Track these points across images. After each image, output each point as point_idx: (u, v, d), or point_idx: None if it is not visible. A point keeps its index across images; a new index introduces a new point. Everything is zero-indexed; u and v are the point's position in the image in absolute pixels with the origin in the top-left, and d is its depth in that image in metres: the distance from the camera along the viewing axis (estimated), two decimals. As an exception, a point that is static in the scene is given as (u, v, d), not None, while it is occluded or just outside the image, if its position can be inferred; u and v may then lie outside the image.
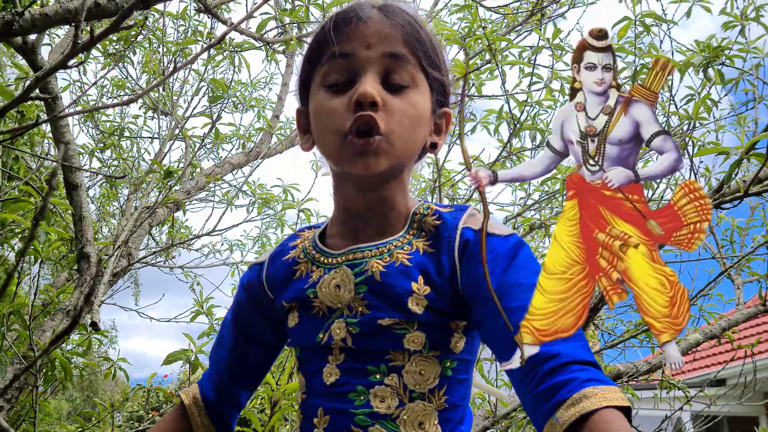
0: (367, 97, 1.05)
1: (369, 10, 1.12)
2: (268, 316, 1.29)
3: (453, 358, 1.11)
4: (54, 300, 3.67)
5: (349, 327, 1.10)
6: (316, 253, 1.20)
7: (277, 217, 4.47)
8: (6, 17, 1.89)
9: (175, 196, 3.70)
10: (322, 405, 1.12)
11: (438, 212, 1.13)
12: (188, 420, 1.32)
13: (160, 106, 4.32)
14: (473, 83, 3.22)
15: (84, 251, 3.54)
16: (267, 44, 3.18)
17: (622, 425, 0.84)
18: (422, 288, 1.08)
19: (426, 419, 1.07)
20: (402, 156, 1.12)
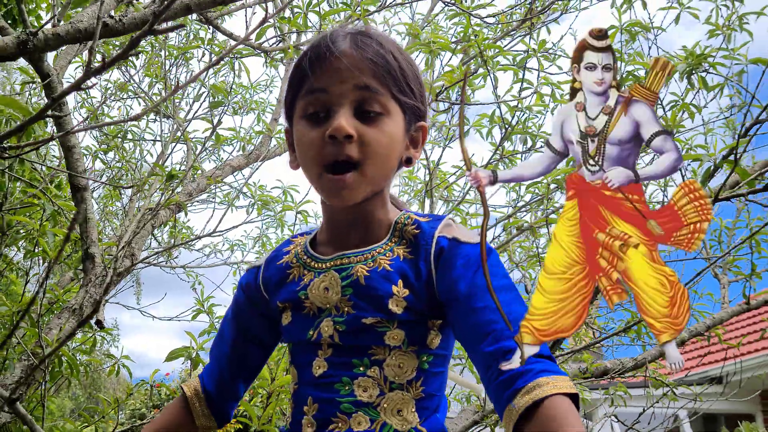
0: (340, 132, 1.12)
1: (342, 42, 1.17)
2: (265, 316, 1.35)
3: (429, 353, 1.19)
4: (60, 298, 3.65)
5: (336, 325, 1.18)
6: (308, 259, 1.27)
7: (277, 218, 4.44)
8: (21, 37, 1.95)
9: (177, 198, 3.67)
10: (312, 394, 1.19)
11: (417, 222, 1.21)
12: (190, 410, 1.39)
13: (162, 109, 4.29)
14: (467, 88, 3.19)
15: (89, 252, 3.51)
16: (266, 53, 3.16)
17: (568, 408, 0.93)
18: (401, 291, 1.16)
19: (404, 407, 1.15)
20: (376, 181, 1.19)
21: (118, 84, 4.51)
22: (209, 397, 1.40)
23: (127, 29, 2.07)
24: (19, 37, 1.95)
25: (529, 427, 0.95)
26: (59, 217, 3.56)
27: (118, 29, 2.05)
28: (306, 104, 1.19)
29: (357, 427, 1.14)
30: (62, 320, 3.37)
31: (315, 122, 1.17)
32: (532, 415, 0.94)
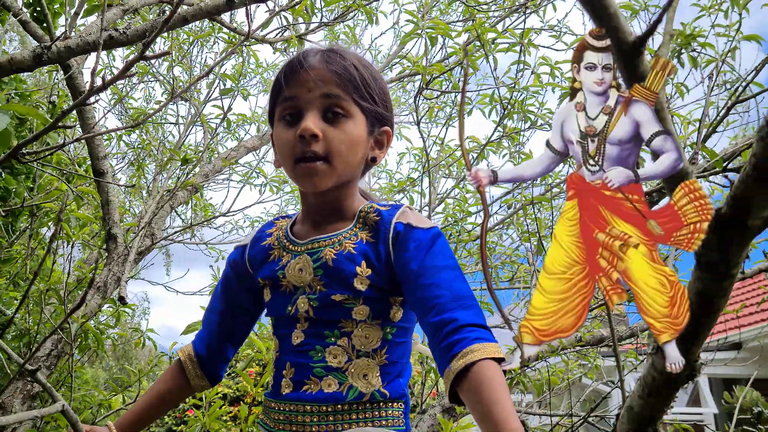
0: (307, 132, 1.25)
1: (313, 58, 1.31)
2: (250, 289, 1.44)
3: (392, 325, 1.30)
4: (87, 276, 3.64)
5: (310, 302, 1.29)
6: (287, 242, 1.38)
7: (294, 193, 4.43)
8: (36, 51, 2.06)
9: (193, 180, 3.63)
10: (289, 360, 1.30)
11: (378, 210, 1.32)
12: (185, 373, 1.50)
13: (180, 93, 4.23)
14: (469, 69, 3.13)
15: (111, 232, 3.49)
16: (271, 44, 3.13)
17: (495, 370, 1.03)
18: (365, 270, 1.26)
19: (369, 372, 1.26)
20: (342, 172, 1.30)
21: (139, 66, 4.45)
22: (201, 360, 1.50)
23: (130, 40, 2.18)
24: (34, 51, 2.06)
25: (461, 385, 1.07)
26: (85, 200, 3.55)
27: (122, 40, 2.16)
28: (282, 110, 1.32)
29: (327, 388, 1.25)
30: (89, 297, 3.36)
31: (289, 124, 1.31)
32: (465, 376, 1.05)
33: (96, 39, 2.12)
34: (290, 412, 1.26)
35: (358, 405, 1.24)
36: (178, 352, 1.53)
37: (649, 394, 0.71)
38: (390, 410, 1.26)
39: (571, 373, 3.63)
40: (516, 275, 3.72)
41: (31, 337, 3.13)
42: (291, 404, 1.27)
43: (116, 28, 2.14)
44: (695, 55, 2.84)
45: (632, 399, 0.73)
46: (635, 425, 0.73)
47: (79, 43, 2.13)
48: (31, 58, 2.07)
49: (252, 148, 4.66)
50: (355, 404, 1.24)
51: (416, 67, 3.08)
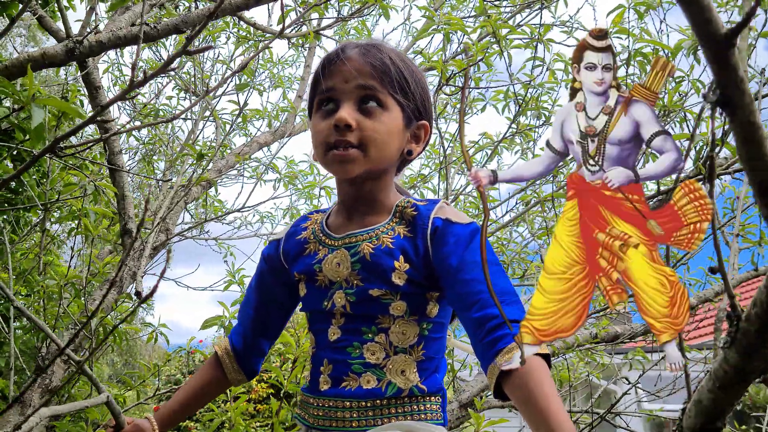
0: (342, 121, 1.26)
1: (350, 50, 1.32)
2: (285, 283, 1.47)
3: (429, 321, 1.31)
4: (100, 271, 3.67)
5: (347, 296, 1.30)
6: (323, 236, 1.38)
7: (306, 191, 4.43)
8: (69, 45, 2.10)
9: (207, 176, 3.65)
10: (327, 356, 1.31)
11: (415, 205, 1.33)
12: (222, 367, 1.54)
13: (192, 88, 4.26)
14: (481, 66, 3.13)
15: (127, 227, 3.52)
16: (288, 39, 3.14)
17: (541, 365, 1.05)
18: (403, 265, 1.27)
19: (407, 368, 1.27)
20: (376, 162, 1.31)
21: (150, 61, 4.47)
22: (238, 354, 1.53)
23: (161, 35, 2.23)
24: (67, 45, 2.10)
25: (507, 381, 1.07)
26: (100, 196, 3.57)
27: (153, 35, 2.21)
28: (319, 101, 1.34)
29: (366, 384, 1.26)
30: (104, 291, 3.40)
31: (325, 115, 1.32)
32: (511, 372, 1.06)
33: (127, 33, 2.17)
34: (329, 408, 1.28)
35: (397, 400, 1.26)
36: (215, 347, 1.56)
37: (719, 388, 0.69)
38: (428, 404, 1.28)
39: (577, 372, 3.63)
40: (527, 272, 3.71)
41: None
42: (330, 400, 1.28)
43: (147, 23, 2.18)
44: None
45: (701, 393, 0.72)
46: (703, 418, 0.72)
47: (111, 38, 2.18)
48: (64, 53, 2.11)
49: (264, 143, 4.67)
50: (394, 399, 1.25)
51: (433, 64, 3.09)
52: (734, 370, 0.68)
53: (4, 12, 2.22)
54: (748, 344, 0.67)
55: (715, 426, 0.72)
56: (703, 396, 0.72)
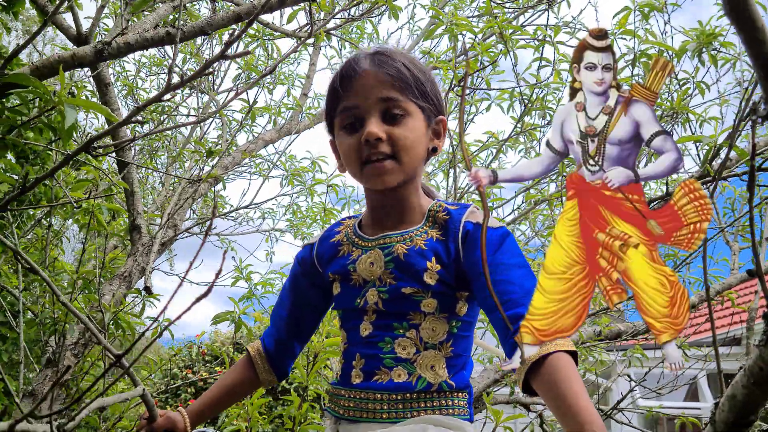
0: (372, 136, 1.29)
1: (364, 64, 1.33)
2: (318, 285, 1.50)
3: (458, 319, 1.34)
4: (107, 265, 3.67)
5: (380, 294, 1.33)
6: (356, 238, 1.43)
7: (307, 187, 4.42)
8: (98, 47, 2.12)
9: (215, 173, 3.65)
10: (359, 351, 1.34)
11: (447, 209, 1.36)
12: (254, 367, 1.57)
13: (197, 85, 4.26)
14: (487, 65, 3.12)
15: (135, 223, 3.53)
16: (298, 38, 3.14)
17: (568, 361, 1.07)
18: (434, 266, 1.30)
19: (436, 363, 1.30)
20: (409, 168, 1.34)
21: (153, 59, 4.46)
22: (269, 355, 1.56)
23: (187, 37, 2.28)
24: (95, 47, 2.13)
25: (535, 376, 1.09)
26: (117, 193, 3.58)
27: (180, 37, 2.24)
28: (342, 119, 1.35)
29: (397, 378, 1.29)
30: (114, 287, 3.40)
31: (351, 131, 1.34)
32: (539, 367, 1.08)
33: (154, 35, 2.19)
34: (361, 400, 1.32)
35: (427, 394, 1.28)
36: (247, 347, 1.59)
37: (754, 384, 0.72)
38: (456, 400, 1.31)
39: (578, 369, 3.61)
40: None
41: (57, 326, 3.16)
42: (362, 392, 1.32)
43: (173, 25, 2.22)
44: (714, 54, 2.81)
45: (735, 388, 0.74)
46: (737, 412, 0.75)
47: (138, 40, 2.21)
48: (93, 54, 2.13)
49: (270, 140, 4.67)
50: (424, 393, 1.28)
51: (440, 63, 3.08)
52: None
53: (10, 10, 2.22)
54: None
55: (748, 420, 0.74)
56: (738, 391, 0.74)
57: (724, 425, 0.75)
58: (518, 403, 3.47)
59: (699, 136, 2.14)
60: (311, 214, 4.74)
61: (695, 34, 2.81)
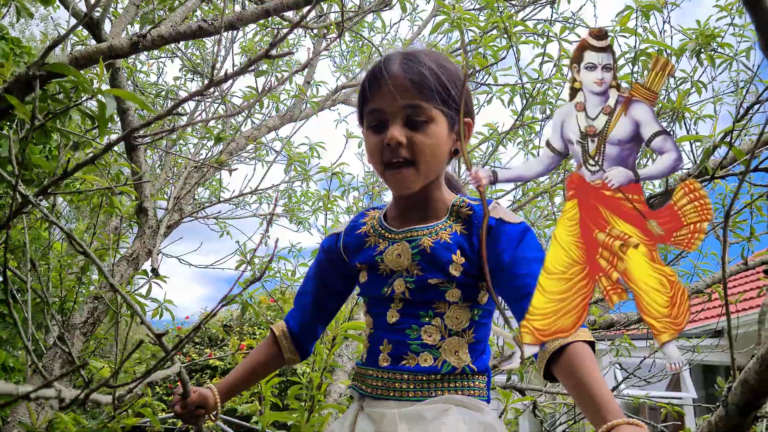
0: (393, 140, 1.33)
1: (393, 66, 1.35)
2: (342, 273, 1.56)
3: (479, 308, 1.39)
4: (112, 246, 3.65)
5: (407, 284, 1.38)
6: (382, 230, 1.47)
7: (305, 173, 4.42)
8: (133, 39, 2.18)
9: (222, 158, 3.63)
10: (386, 337, 1.40)
11: (470, 205, 1.41)
12: (278, 346, 1.62)
13: (200, 69, 4.22)
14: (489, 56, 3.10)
15: (143, 206, 3.51)
16: (309, 29, 3.12)
17: (586, 350, 1.11)
18: (459, 259, 1.35)
19: (460, 349, 1.36)
20: (429, 173, 1.38)
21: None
22: (294, 336, 1.62)
23: (217, 30, 2.29)
24: (132, 39, 2.19)
25: (556, 363, 1.14)
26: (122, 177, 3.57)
27: (210, 31, 2.27)
28: (370, 119, 1.40)
29: (423, 363, 1.35)
30: (121, 268, 3.39)
31: (376, 131, 1.38)
32: (559, 356, 1.12)
33: (186, 29, 2.24)
34: (388, 380, 1.37)
35: (451, 376, 1.34)
36: (273, 328, 1.65)
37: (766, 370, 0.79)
38: (476, 382, 1.37)
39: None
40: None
41: (67, 305, 3.16)
42: (389, 373, 1.37)
43: (205, 20, 2.25)
44: (712, 54, 2.79)
45: (747, 374, 0.81)
46: (750, 395, 0.81)
47: (171, 33, 2.25)
48: (129, 46, 2.18)
49: (273, 127, 4.65)
50: (449, 375, 1.34)
51: (450, 57, 3.05)
52: None
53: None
54: None
55: (759, 402, 0.80)
56: (750, 377, 0.80)
57: (735, 407, 0.82)
58: (514, 389, 3.47)
59: (699, 136, 2.13)
60: (306, 199, 4.74)
61: (694, 34, 2.80)
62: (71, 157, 2.26)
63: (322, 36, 3.59)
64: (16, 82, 1.96)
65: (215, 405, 1.54)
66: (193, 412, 1.52)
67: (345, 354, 3.11)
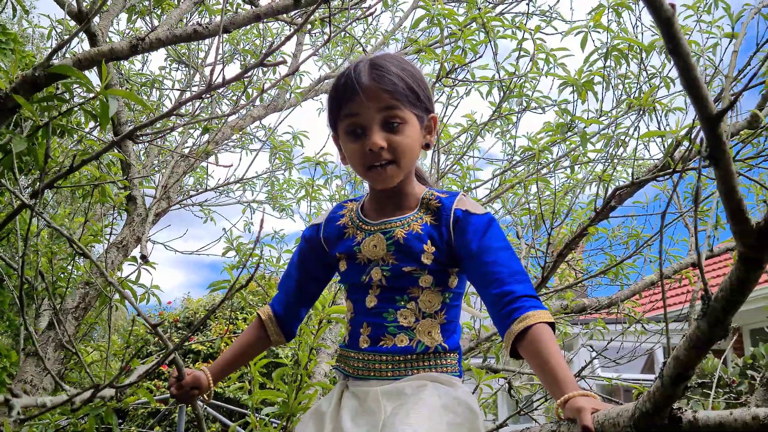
0: (375, 146, 1.45)
1: (364, 76, 1.46)
2: (322, 261, 1.67)
3: (450, 291, 1.52)
4: (99, 232, 3.74)
5: (383, 272, 1.50)
6: (360, 222, 1.58)
7: (288, 161, 4.54)
8: (132, 42, 2.30)
9: (209, 148, 3.74)
10: (365, 320, 1.52)
11: (439, 197, 1.54)
12: (265, 329, 1.71)
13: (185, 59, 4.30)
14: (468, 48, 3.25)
15: (132, 194, 3.62)
16: (293, 24, 3.23)
17: (548, 331, 1.29)
18: (430, 248, 1.48)
19: (432, 329, 1.48)
20: (407, 168, 1.52)
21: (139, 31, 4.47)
22: (279, 319, 1.71)
23: (211, 33, 2.41)
24: (130, 42, 2.31)
25: (521, 344, 1.31)
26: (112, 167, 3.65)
27: (204, 34, 2.40)
28: (346, 125, 1.50)
29: (400, 343, 1.47)
30: (111, 255, 3.50)
31: (355, 137, 1.49)
32: (523, 336, 1.30)
33: (182, 33, 2.36)
34: (368, 361, 1.49)
35: (425, 355, 1.47)
36: (258, 312, 1.74)
37: (692, 347, 0.91)
38: (448, 359, 1.49)
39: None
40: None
41: (59, 291, 3.25)
42: (369, 355, 1.50)
43: (199, 23, 2.38)
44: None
45: (678, 351, 0.94)
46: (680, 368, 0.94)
47: (168, 36, 2.38)
48: (128, 48, 2.31)
49: (258, 117, 4.76)
50: (423, 354, 1.47)
51: (431, 54, 3.20)
52: (704, 336, 0.90)
53: None
54: (715, 318, 0.87)
55: (687, 374, 0.94)
56: (680, 353, 0.94)
57: (669, 379, 0.95)
58: (489, 369, 3.65)
59: (663, 132, 2.30)
60: (288, 187, 4.87)
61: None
62: (76, 153, 2.37)
63: (307, 32, 3.70)
64: (23, 83, 2.09)
65: (208, 386, 1.63)
66: (188, 392, 1.62)
67: (329, 338, 3.26)
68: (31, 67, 2.05)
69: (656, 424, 1.00)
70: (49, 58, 1.96)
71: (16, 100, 1.87)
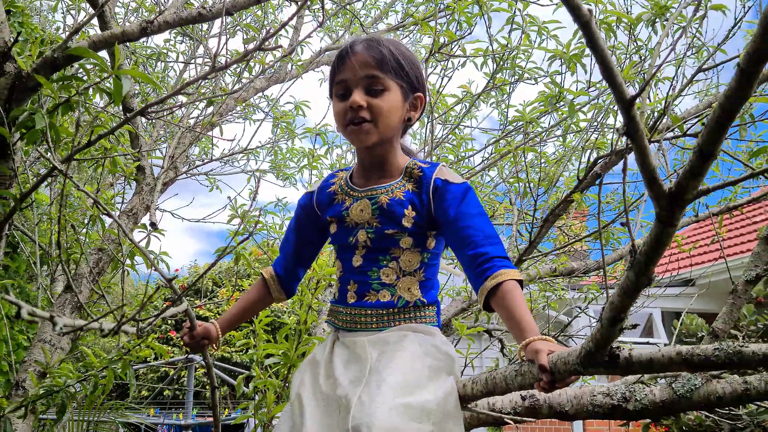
0: (355, 103, 1.62)
1: (357, 46, 1.65)
2: (316, 225, 1.85)
3: (428, 251, 1.69)
4: (110, 201, 3.91)
5: (368, 234, 1.67)
6: (348, 189, 1.75)
7: (290, 130, 4.67)
8: (142, 25, 2.47)
9: (214, 120, 3.88)
10: (352, 278, 1.69)
11: (420, 167, 1.69)
12: (268, 287, 1.91)
13: (189, 32, 4.41)
14: (463, 22, 3.36)
15: (141, 165, 3.77)
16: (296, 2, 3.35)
17: (516, 287, 1.46)
18: (411, 213, 1.64)
19: (412, 286, 1.65)
20: (384, 131, 1.66)
21: (142, 3, 4.59)
22: (280, 279, 1.90)
23: (215, 15, 2.59)
24: (141, 25, 2.48)
25: (493, 298, 1.48)
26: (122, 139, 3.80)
27: (208, 16, 2.59)
28: (336, 89, 1.69)
29: (383, 298, 1.63)
30: (122, 222, 3.65)
31: (342, 99, 1.67)
32: (495, 292, 1.47)
33: (188, 15, 2.53)
34: (355, 315, 1.66)
35: (405, 309, 1.63)
36: (262, 272, 1.94)
37: (624, 294, 1.07)
38: (427, 312, 1.66)
39: (536, 303, 3.98)
40: (496, 212, 4.01)
41: (74, 257, 3.42)
42: (355, 309, 1.67)
43: (204, 6, 2.55)
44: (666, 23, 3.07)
45: (613, 297, 1.10)
46: (615, 312, 1.10)
47: (175, 19, 2.55)
48: (138, 31, 2.48)
49: (261, 88, 4.89)
50: (403, 308, 1.63)
51: (426, 29, 3.32)
52: (632, 284, 1.07)
53: None
54: (640, 269, 1.04)
55: (621, 316, 1.11)
56: (615, 299, 1.11)
57: (607, 321, 1.12)
58: (486, 332, 3.84)
59: (638, 104, 2.42)
60: (291, 156, 5.02)
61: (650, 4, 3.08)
62: (93, 127, 2.53)
63: (307, 7, 3.82)
64: (43, 64, 2.29)
65: (217, 336, 1.81)
66: (199, 342, 1.79)
67: (328, 299, 3.43)
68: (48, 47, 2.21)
69: (599, 361, 1.18)
70: (66, 41, 2.13)
71: (37, 80, 2.05)
